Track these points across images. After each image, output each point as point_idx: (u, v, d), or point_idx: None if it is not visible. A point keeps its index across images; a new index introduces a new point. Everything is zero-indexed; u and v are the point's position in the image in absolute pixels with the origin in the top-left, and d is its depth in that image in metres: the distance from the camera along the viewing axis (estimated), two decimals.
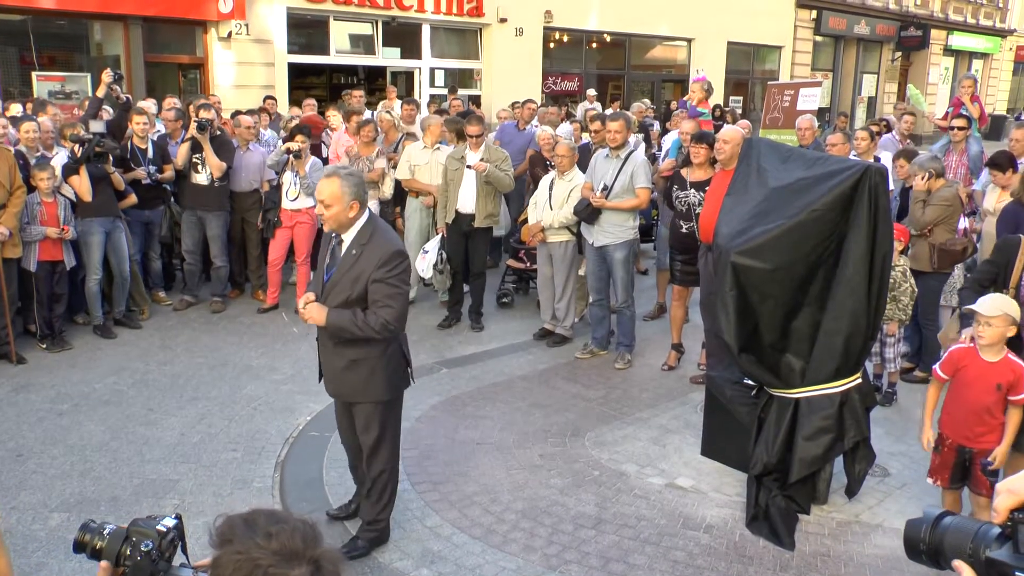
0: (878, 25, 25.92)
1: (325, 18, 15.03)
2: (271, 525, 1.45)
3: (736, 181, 4.90)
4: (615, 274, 7.11)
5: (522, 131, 10.37)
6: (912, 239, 6.65)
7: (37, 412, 6.01)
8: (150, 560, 1.63)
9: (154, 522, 1.69)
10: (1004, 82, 32.92)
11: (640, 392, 6.66)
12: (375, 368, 4.16)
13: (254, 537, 1.42)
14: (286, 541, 1.42)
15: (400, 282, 4.02)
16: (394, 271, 3.98)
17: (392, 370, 4.23)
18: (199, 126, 8.05)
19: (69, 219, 7.24)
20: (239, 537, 1.43)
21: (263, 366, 7.03)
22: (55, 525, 4.56)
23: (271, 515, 1.49)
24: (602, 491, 5.03)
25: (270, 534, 1.42)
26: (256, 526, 1.45)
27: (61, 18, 12.70)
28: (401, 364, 4.31)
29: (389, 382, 4.23)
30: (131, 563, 1.64)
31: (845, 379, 4.51)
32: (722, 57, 21.49)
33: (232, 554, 1.41)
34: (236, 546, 1.42)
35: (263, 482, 5.11)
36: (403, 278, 4.04)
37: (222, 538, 1.45)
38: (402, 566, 4.24)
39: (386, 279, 3.96)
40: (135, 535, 1.66)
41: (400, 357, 4.29)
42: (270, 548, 1.40)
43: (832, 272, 4.44)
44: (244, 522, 1.47)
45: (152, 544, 1.64)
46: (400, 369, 4.31)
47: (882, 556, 4.39)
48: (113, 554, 1.65)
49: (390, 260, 3.98)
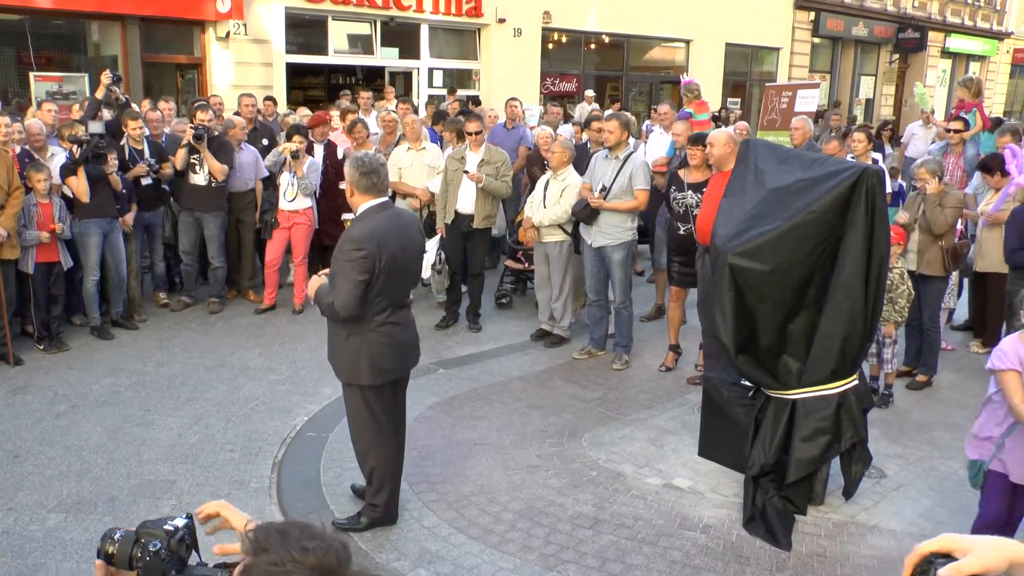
0: (876, 27, 25.95)
1: (323, 18, 15.03)
2: (307, 540, 1.43)
3: (734, 182, 4.91)
4: (613, 275, 7.12)
5: (510, 130, 10.36)
6: (922, 243, 6.64)
7: (34, 413, 6.01)
8: (160, 560, 1.64)
9: (162, 522, 1.70)
10: (1001, 84, 32.95)
11: (638, 393, 6.67)
12: (361, 348, 4.22)
13: (290, 550, 1.40)
14: (322, 558, 1.40)
15: (348, 268, 4.04)
16: (342, 255, 4.07)
17: (378, 356, 4.24)
18: (196, 136, 8.02)
19: (64, 219, 7.23)
20: (275, 548, 1.41)
21: (260, 367, 7.03)
22: (53, 526, 4.55)
23: (306, 528, 1.47)
24: (600, 491, 5.04)
25: (306, 549, 1.40)
26: (290, 538, 1.43)
27: (58, 18, 12.68)
28: (392, 352, 4.31)
29: (373, 367, 4.25)
30: (142, 564, 1.65)
31: (842, 381, 4.52)
32: (720, 58, 21.51)
33: (267, 564, 1.40)
34: (272, 556, 1.40)
35: (260, 483, 5.12)
36: (352, 265, 4.03)
37: (258, 546, 1.43)
38: (400, 566, 4.24)
39: (340, 264, 4.09)
40: (144, 536, 1.67)
41: (367, 352, 4.24)
42: (306, 563, 1.39)
43: (829, 274, 4.45)
44: (279, 533, 1.45)
45: (160, 544, 1.65)
46: (391, 357, 4.32)
47: (878, 557, 4.40)
48: (125, 558, 1.66)
49: (342, 244, 4.11)
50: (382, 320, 4.23)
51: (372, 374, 4.28)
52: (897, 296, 6.14)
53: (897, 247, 6.16)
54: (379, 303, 4.19)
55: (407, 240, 4.31)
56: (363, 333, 4.21)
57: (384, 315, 4.24)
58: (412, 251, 4.40)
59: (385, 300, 4.21)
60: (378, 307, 4.20)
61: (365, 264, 4.03)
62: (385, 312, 4.24)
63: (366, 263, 4.03)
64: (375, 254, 4.05)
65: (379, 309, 4.21)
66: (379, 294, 4.16)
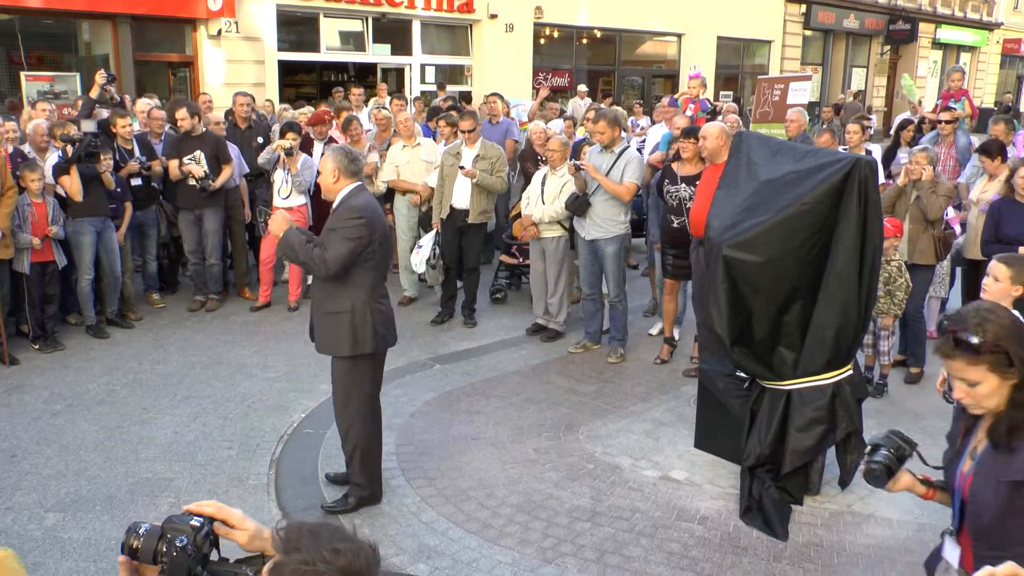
0: (867, 19, 26.00)
1: (315, 15, 15.00)
2: (338, 541, 1.43)
3: (727, 175, 4.93)
4: (606, 268, 7.13)
5: (495, 125, 10.36)
6: (913, 232, 6.66)
7: (31, 413, 6.01)
8: (187, 555, 1.63)
9: (188, 517, 1.70)
10: (991, 75, 33.06)
11: (633, 386, 6.69)
12: (342, 323, 4.50)
13: (321, 550, 1.41)
14: (352, 560, 1.40)
15: (352, 236, 4.35)
16: (348, 223, 4.36)
17: (358, 328, 4.50)
18: (202, 187, 8.07)
19: (57, 219, 7.22)
20: (306, 547, 1.42)
21: (256, 364, 7.04)
22: (51, 525, 4.56)
23: (336, 530, 1.48)
24: (597, 484, 5.06)
25: (337, 551, 1.41)
26: (321, 539, 1.43)
27: (49, 17, 12.65)
28: (389, 322, 4.64)
29: (353, 338, 4.51)
30: (168, 559, 1.64)
31: (837, 371, 4.54)
32: (712, 52, 21.53)
33: (298, 563, 1.40)
34: (303, 555, 1.40)
35: (258, 479, 5.12)
36: (357, 232, 4.35)
37: (288, 544, 1.44)
38: (398, 561, 4.25)
39: (339, 227, 4.38)
40: (170, 532, 1.66)
41: (371, 321, 4.53)
42: (336, 564, 1.39)
43: (823, 265, 4.47)
44: (311, 532, 1.45)
45: (187, 539, 1.64)
46: (389, 326, 4.64)
47: (874, 546, 4.43)
48: (150, 552, 1.65)
49: (345, 213, 4.41)
50: (382, 293, 4.63)
51: (376, 341, 4.57)
52: (895, 288, 6.16)
53: (894, 239, 6.19)
54: (376, 277, 4.58)
55: (384, 221, 4.73)
56: (370, 304, 4.53)
57: (382, 289, 4.65)
58: (388, 232, 4.77)
59: (380, 273, 4.63)
60: (375, 280, 4.58)
61: (363, 230, 4.36)
62: (382, 287, 4.65)
63: (363, 229, 4.36)
64: (372, 226, 4.41)
65: (376, 282, 4.58)
66: (376, 266, 4.53)
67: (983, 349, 2.21)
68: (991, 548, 2.30)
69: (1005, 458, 2.27)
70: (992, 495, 2.29)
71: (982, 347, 2.21)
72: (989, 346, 2.20)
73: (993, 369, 2.23)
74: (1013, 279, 4.15)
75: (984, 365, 2.23)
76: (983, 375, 2.24)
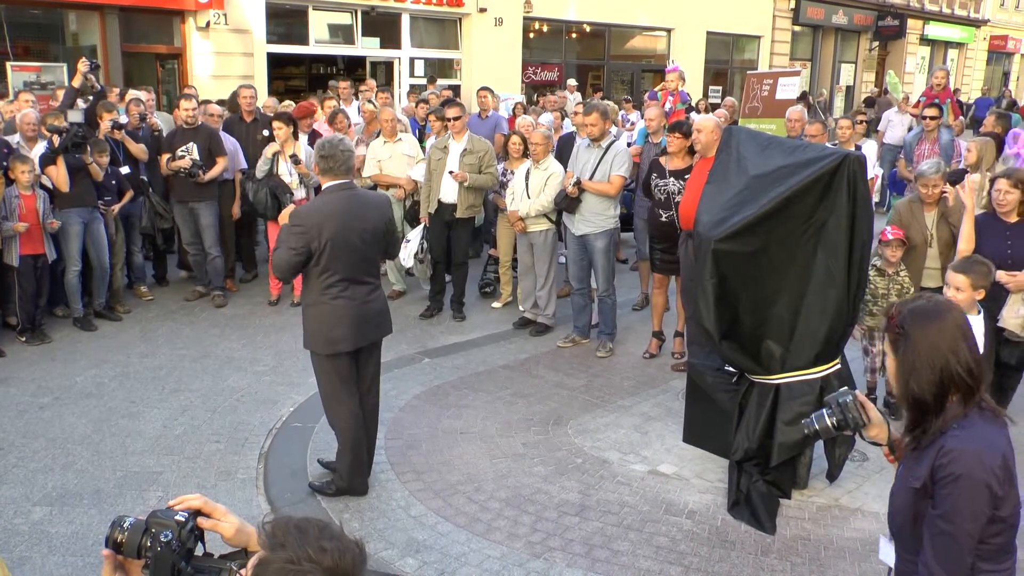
0: (856, 15, 26.09)
1: (304, 8, 14.92)
2: (325, 540, 1.42)
3: (716, 170, 4.94)
4: (596, 263, 7.14)
5: (484, 119, 10.35)
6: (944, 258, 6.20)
7: (18, 405, 5.97)
8: (171, 550, 1.62)
9: (173, 512, 1.69)
10: (978, 71, 33.27)
11: (622, 380, 6.70)
12: (314, 319, 4.61)
13: (307, 549, 1.40)
14: (339, 560, 1.40)
15: (291, 244, 4.40)
16: (289, 231, 4.44)
17: (327, 327, 4.57)
18: (191, 173, 8.05)
19: (48, 213, 7.16)
20: (292, 545, 1.41)
21: (245, 358, 7.02)
22: (37, 519, 4.54)
23: (324, 528, 1.46)
24: (585, 478, 5.07)
25: (324, 549, 1.40)
26: (308, 536, 1.42)
27: (35, 7, 12.54)
28: (342, 324, 4.56)
29: (323, 336, 4.60)
30: (152, 554, 1.63)
31: (824, 365, 4.57)
32: (701, 47, 21.55)
33: (283, 561, 1.39)
34: (289, 553, 1.39)
35: (247, 473, 5.11)
36: (292, 242, 4.40)
37: (274, 541, 1.43)
38: (387, 555, 4.26)
39: (285, 233, 4.49)
40: (154, 526, 1.65)
41: (317, 321, 4.58)
42: (322, 564, 1.38)
43: (811, 259, 4.49)
44: (297, 529, 1.44)
45: (172, 534, 1.63)
46: (341, 329, 4.57)
47: (861, 539, 4.46)
48: (134, 546, 1.65)
49: (292, 219, 4.48)
50: (334, 294, 4.52)
51: (323, 343, 4.61)
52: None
53: (899, 247, 5.84)
54: (326, 278, 4.50)
55: (359, 220, 4.53)
56: (316, 305, 4.57)
57: (336, 289, 4.52)
58: (364, 231, 4.57)
59: (335, 275, 4.50)
60: (326, 282, 4.50)
61: (298, 240, 4.39)
62: (336, 287, 4.52)
63: (300, 239, 4.39)
64: (312, 233, 4.38)
65: (327, 284, 4.51)
66: (325, 270, 4.47)
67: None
68: (907, 552, 2.33)
69: (914, 463, 2.28)
70: (902, 499, 2.32)
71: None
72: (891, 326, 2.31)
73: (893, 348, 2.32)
74: (972, 285, 4.29)
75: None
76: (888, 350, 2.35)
